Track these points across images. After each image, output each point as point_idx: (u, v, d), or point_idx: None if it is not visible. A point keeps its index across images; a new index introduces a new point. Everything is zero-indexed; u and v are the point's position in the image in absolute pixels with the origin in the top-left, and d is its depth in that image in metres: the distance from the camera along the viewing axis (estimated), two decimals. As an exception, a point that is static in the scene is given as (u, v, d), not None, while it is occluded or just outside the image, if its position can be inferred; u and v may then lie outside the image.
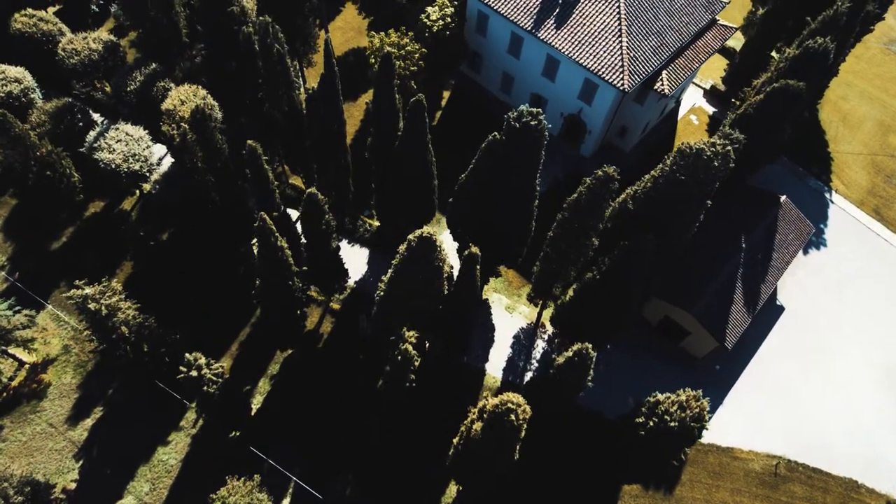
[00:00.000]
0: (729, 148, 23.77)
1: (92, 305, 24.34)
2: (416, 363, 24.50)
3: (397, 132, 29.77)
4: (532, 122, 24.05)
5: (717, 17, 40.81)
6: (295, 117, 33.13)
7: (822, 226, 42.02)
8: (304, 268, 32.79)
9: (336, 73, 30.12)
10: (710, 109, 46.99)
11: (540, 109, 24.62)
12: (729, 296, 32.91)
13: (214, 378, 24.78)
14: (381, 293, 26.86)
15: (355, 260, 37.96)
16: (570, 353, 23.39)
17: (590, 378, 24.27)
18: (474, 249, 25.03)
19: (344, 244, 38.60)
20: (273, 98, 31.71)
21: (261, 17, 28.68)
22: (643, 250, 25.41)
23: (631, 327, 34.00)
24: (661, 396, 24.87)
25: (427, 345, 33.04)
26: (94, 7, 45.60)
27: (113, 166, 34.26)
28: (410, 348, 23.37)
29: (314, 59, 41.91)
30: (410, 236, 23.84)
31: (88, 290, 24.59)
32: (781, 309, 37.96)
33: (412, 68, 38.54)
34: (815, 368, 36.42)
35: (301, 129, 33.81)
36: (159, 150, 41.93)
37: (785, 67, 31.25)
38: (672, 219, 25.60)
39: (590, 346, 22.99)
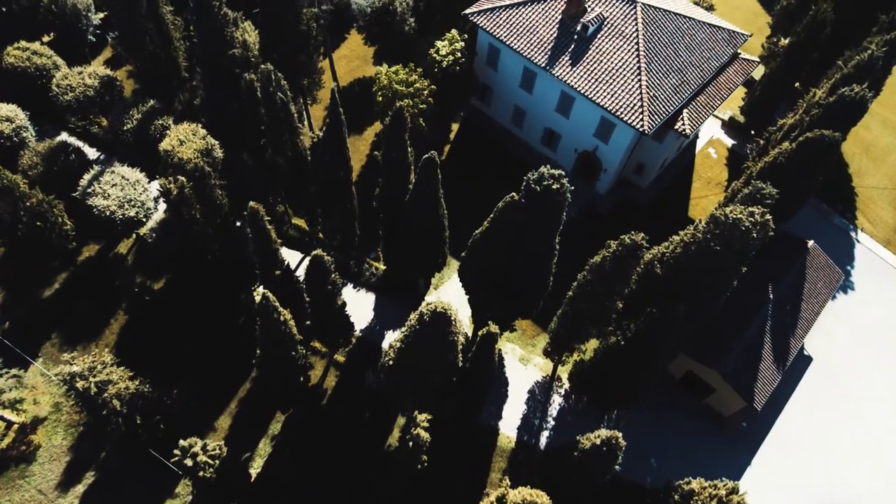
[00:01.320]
0: (768, 217, 22.02)
1: (80, 384, 22.69)
2: (428, 443, 22.76)
3: (408, 184, 28.09)
4: (554, 186, 22.34)
5: (739, 50, 39.14)
6: (299, 163, 31.49)
7: (848, 268, 40.19)
8: (308, 322, 31.17)
9: (343, 122, 28.55)
10: (729, 142, 45.26)
11: (562, 172, 22.94)
12: (757, 352, 31.09)
13: (211, 462, 23.06)
14: (390, 361, 25.15)
15: (361, 306, 36.21)
16: (597, 440, 21.64)
17: (618, 462, 22.50)
18: (493, 328, 23.40)
19: (349, 289, 36.86)
20: (276, 144, 30.07)
21: (263, 66, 27.04)
22: (672, 319, 23.67)
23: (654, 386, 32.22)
24: (695, 485, 23.02)
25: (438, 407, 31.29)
26: (90, 37, 44.01)
27: (107, 213, 32.63)
28: (423, 433, 21.63)
29: (319, 96, 40.29)
30: (423, 308, 22.13)
31: (76, 367, 22.91)
32: (809, 360, 36.11)
33: (421, 106, 36.89)
34: (846, 423, 34.54)
35: (305, 173, 32.16)
36: (155, 188, 40.43)
37: (818, 115, 29.52)
38: (704, 288, 23.84)
39: (619, 435, 21.23)
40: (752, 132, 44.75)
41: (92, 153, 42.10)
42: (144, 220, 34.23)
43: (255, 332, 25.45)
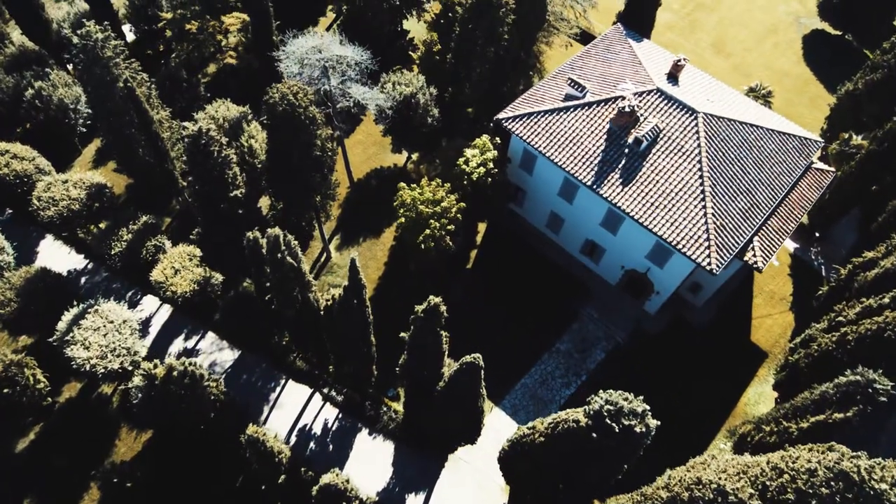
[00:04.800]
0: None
1: None
2: None
3: (440, 369, 23.36)
4: (637, 429, 17.52)
5: (813, 160, 34.27)
6: (309, 315, 26.91)
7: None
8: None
9: (363, 285, 23.92)
10: (791, 245, 40.20)
11: (647, 407, 18.11)
12: None
13: None
14: None
15: (378, 458, 31.41)
16: None
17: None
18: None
19: (363, 436, 32.08)
20: (284, 301, 25.52)
21: (269, 230, 22.53)
22: None
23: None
24: None
25: None
26: (80, 128, 39.88)
27: (87, 367, 28.17)
28: None
29: (332, 211, 35.64)
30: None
31: None
32: None
33: (449, 227, 32.25)
34: None
35: (317, 324, 27.58)
36: (150, 303, 36.07)
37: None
38: None
39: None
40: (817, 234, 39.80)
41: (79, 261, 37.92)
42: (131, 368, 29.70)
43: None
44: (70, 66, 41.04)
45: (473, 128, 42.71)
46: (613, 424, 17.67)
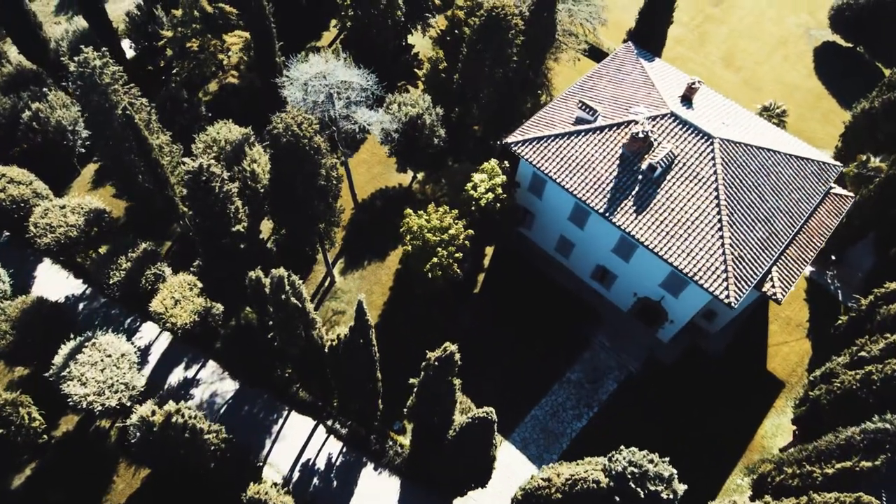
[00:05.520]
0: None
1: None
2: None
3: (451, 416, 22.37)
4: (665, 495, 16.55)
5: (832, 184, 33.28)
6: (314, 352, 25.97)
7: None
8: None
9: (370, 326, 22.97)
10: (807, 269, 39.20)
11: (673, 472, 17.15)
12: None
13: None
14: None
15: (383, 497, 30.45)
16: None
17: None
18: None
19: (369, 471, 31.14)
20: (288, 340, 24.58)
21: (273, 270, 21.61)
22: None
23: None
24: None
25: None
26: (79, 149, 38.94)
27: (84, 404, 27.25)
28: None
29: (337, 238, 34.59)
30: None
31: None
32: None
33: (457, 255, 31.30)
34: None
35: (321, 361, 26.64)
36: (149, 330, 35.17)
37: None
38: None
39: None
40: (833, 257, 38.79)
41: (77, 286, 37.04)
42: (129, 403, 28.78)
43: None
44: (69, 86, 40.18)
45: (480, 147, 41.85)
46: (638, 489, 16.72)
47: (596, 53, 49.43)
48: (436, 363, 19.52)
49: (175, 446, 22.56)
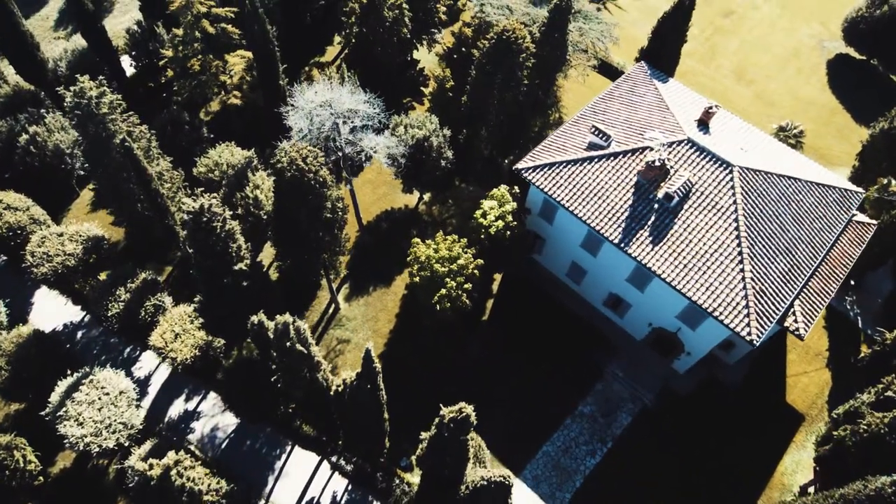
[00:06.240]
0: None
1: None
2: None
3: (462, 474, 21.33)
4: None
5: (855, 211, 32.17)
6: (318, 395, 24.96)
7: None
8: None
9: (377, 372, 21.97)
10: (825, 295, 38.14)
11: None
12: None
13: None
14: None
15: (392, 537, 29.54)
16: None
17: None
18: None
19: (376, 509, 30.21)
20: (292, 383, 23.58)
21: (278, 316, 20.62)
22: None
23: None
24: None
25: None
26: (78, 171, 37.95)
27: (81, 446, 26.31)
28: None
29: (342, 268, 33.47)
30: None
31: None
32: None
33: (466, 286, 30.28)
34: None
35: (326, 403, 25.63)
36: (149, 359, 34.23)
37: None
38: None
39: None
40: (852, 282, 37.67)
41: (76, 312, 36.14)
42: (127, 443, 27.81)
43: None
44: (66, 115, 39.29)
45: (488, 167, 40.84)
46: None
47: (605, 68, 48.44)
48: (450, 423, 18.49)
49: (173, 501, 21.58)
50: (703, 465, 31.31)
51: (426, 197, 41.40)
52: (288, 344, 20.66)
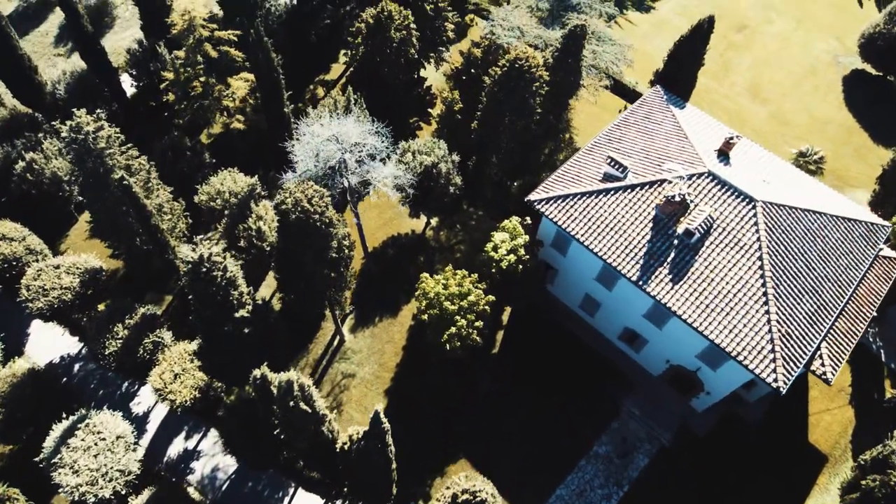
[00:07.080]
0: None
1: None
2: None
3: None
4: None
5: (882, 245, 30.91)
6: (322, 448, 23.79)
7: None
8: None
9: (385, 431, 20.80)
10: (847, 326, 36.83)
11: None
12: None
13: None
14: None
15: (400, 585, 28.39)
16: None
17: None
18: None
19: (384, 554, 29.00)
20: (296, 437, 22.42)
21: (282, 374, 19.50)
22: None
23: None
24: None
25: None
26: (77, 197, 36.84)
27: (76, 495, 25.21)
28: None
29: (346, 303, 32.36)
30: None
31: None
32: None
33: (477, 324, 29.12)
34: None
35: (331, 453, 24.47)
36: (148, 394, 33.11)
37: None
38: None
39: None
40: (875, 315, 36.32)
41: (73, 344, 35.13)
42: (124, 491, 26.70)
43: None
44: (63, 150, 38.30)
45: (498, 192, 39.72)
46: None
47: (618, 87, 47.21)
48: None
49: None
50: (722, 497, 30.13)
51: (433, 221, 40.26)
52: (292, 403, 19.55)
